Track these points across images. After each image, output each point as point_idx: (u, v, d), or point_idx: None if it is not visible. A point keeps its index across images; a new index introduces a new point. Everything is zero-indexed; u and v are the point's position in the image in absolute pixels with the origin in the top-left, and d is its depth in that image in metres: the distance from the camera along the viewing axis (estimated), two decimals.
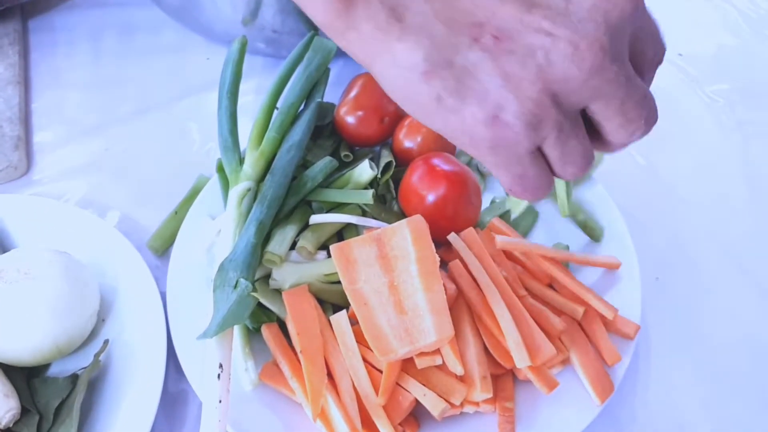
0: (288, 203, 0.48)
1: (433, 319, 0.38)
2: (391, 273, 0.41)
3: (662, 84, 0.64)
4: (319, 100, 0.53)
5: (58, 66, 0.68)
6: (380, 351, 0.38)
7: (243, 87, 0.54)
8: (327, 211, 0.49)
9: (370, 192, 0.47)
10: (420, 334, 0.38)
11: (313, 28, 0.59)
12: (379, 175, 0.50)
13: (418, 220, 0.42)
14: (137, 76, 0.66)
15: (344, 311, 0.42)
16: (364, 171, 0.49)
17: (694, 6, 0.73)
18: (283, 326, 0.45)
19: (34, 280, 0.41)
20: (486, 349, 0.42)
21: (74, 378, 0.43)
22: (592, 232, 0.48)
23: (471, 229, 0.45)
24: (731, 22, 0.72)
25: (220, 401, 0.39)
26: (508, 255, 0.45)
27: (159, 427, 0.43)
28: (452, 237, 0.45)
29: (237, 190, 0.48)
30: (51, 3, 0.75)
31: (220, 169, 0.52)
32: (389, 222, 0.48)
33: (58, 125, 0.62)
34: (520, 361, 0.39)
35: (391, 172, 0.51)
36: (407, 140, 0.50)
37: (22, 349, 0.41)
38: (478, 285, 0.43)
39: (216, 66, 0.67)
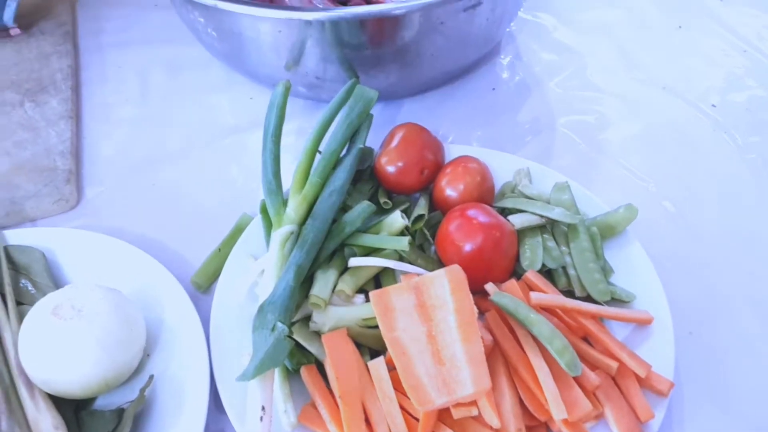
0: (328, 247, 0.49)
1: (470, 370, 0.39)
2: (429, 322, 0.42)
3: (695, 134, 0.66)
4: (361, 146, 0.55)
5: (108, 101, 0.71)
6: (418, 400, 0.39)
7: (284, 128, 0.56)
8: (364, 255, 0.50)
9: (407, 239, 0.48)
10: (457, 385, 0.39)
11: (355, 76, 0.61)
12: (409, 225, 0.51)
13: (456, 270, 0.43)
14: (183, 113, 0.69)
15: (382, 357, 0.44)
16: (396, 221, 0.50)
17: (727, 57, 0.74)
18: (321, 367, 0.46)
19: (87, 317, 0.43)
20: (521, 400, 0.42)
21: (120, 412, 0.44)
22: (622, 301, 0.49)
23: (513, 281, 0.46)
24: (763, 74, 0.73)
25: None
26: (544, 309, 0.46)
27: None
28: (490, 287, 0.46)
29: (280, 233, 0.49)
30: (102, 40, 0.78)
31: (264, 210, 0.54)
32: (426, 267, 0.49)
33: (107, 159, 0.65)
34: (558, 414, 0.40)
35: (422, 223, 0.52)
36: (449, 188, 0.51)
37: (72, 383, 0.43)
38: (514, 336, 0.44)
39: (259, 105, 0.69)
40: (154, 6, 0.83)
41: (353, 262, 0.48)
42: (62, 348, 0.43)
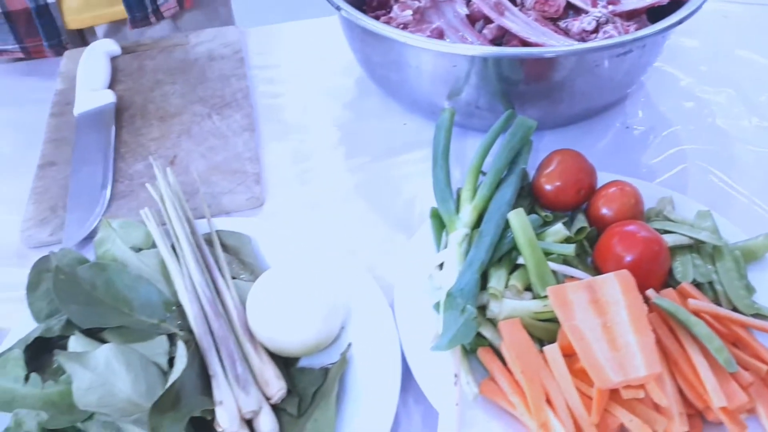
0: (501, 249, 0.57)
1: (643, 356, 0.46)
2: (604, 316, 0.48)
3: None
4: (524, 166, 0.63)
5: (279, 119, 0.82)
6: (597, 379, 0.46)
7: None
8: None
9: (573, 246, 0.55)
10: (632, 368, 0.46)
11: (510, 107, 0.70)
12: (572, 236, 0.59)
13: (625, 274, 0.50)
14: (345, 135, 0.79)
15: (555, 344, 0.50)
16: (560, 231, 0.58)
17: None
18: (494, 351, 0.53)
19: (309, 288, 0.52)
20: (680, 390, 0.48)
21: (325, 371, 0.52)
22: (764, 317, 0.54)
23: (670, 289, 0.53)
24: None
25: (457, 404, 0.47)
26: (698, 314, 0.52)
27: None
28: (651, 292, 0.52)
29: (458, 234, 0.58)
30: (270, 65, 0.90)
31: (434, 215, 0.62)
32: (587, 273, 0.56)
33: (283, 168, 0.75)
34: (718, 401, 0.45)
35: (584, 235, 0.59)
36: (605, 207, 0.58)
37: (293, 343, 0.51)
38: (674, 335, 0.50)
39: (411, 131, 0.79)
40: (311, 38, 0.95)
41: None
42: (289, 311, 0.51)
